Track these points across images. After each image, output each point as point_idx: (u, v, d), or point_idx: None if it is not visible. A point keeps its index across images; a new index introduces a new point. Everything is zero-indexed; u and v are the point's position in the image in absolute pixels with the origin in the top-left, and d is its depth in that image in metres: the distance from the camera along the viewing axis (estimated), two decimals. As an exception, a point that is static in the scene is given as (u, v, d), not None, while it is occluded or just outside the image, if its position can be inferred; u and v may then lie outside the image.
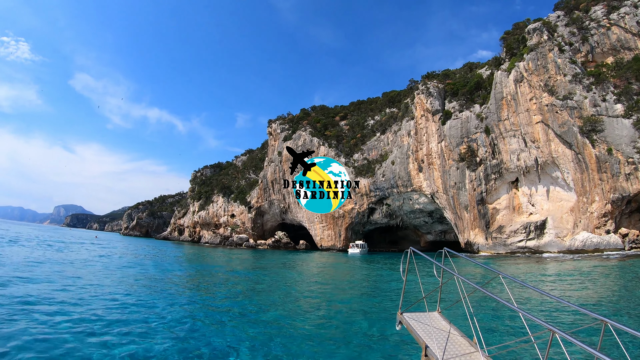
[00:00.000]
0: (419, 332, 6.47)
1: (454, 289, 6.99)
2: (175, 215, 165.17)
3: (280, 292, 27.63)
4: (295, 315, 19.37)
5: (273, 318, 18.26)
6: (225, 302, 22.80)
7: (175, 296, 23.17)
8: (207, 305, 20.99)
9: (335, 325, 17.38)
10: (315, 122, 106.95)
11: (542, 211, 62.07)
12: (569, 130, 57.70)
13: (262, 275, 38.75)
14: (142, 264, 42.56)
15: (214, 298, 24.01)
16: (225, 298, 24.18)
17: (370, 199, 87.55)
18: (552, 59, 62.55)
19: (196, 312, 18.78)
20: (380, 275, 41.40)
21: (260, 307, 21.08)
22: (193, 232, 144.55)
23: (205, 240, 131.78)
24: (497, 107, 66.09)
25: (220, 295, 25.55)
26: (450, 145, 71.22)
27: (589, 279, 31.52)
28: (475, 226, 67.08)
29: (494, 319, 17.47)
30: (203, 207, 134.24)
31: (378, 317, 18.97)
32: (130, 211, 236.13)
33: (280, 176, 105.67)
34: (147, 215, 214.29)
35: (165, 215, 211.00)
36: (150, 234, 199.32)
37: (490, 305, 19.92)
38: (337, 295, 27.13)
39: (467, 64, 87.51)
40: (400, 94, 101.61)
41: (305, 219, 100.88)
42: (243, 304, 21.83)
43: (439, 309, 7.56)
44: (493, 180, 66.18)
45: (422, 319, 7.04)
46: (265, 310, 20.08)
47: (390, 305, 21.17)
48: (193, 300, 22.57)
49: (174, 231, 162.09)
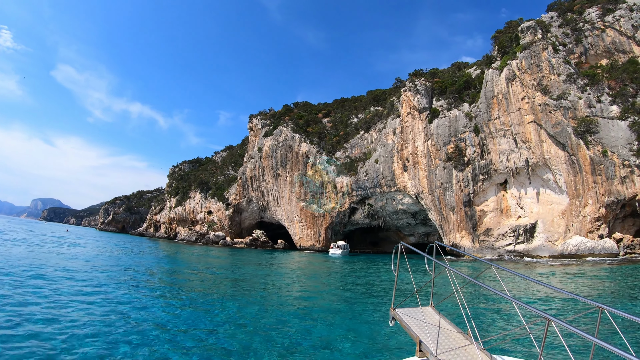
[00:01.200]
0: (413, 327, 6.16)
1: (447, 282, 6.81)
2: (152, 210, 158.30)
3: (257, 300, 22.90)
4: (277, 327, 16.07)
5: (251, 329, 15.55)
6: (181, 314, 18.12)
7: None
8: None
9: (326, 332, 15.45)
10: (298, 118, 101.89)
11: (531, 214, 58.42)
12: (562, 130, 54.21)
13: (237, 276, 34.06)
14: (97, 260, 37.49)
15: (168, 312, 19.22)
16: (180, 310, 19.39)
17: (352, 198, 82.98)
18: (546, 58, 59.15)
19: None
20: (366, 276, 37.33)
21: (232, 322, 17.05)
22: (169, 228, 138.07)
23: (181, 237, 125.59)
24: (488, 105, 62.33)
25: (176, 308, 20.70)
26: (437, 144, 67.21)
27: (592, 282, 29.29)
28: (461, 228, 63.04)
29: (488, 311, 17.15)
30: (180, 203, 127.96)
31: (370, 318, 17.99)
32: (107, 206, 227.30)
33: (259, 173, 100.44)
34: (123, 211, 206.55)
35: (142, 211, 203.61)
36: (127, 229, 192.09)
37: (484, 298, 19.87)
38: (322, 300, 23.36)
39: (456, 63, 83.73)
40: (385, 93, 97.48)
41: (284, 217, 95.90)
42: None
43: (432, 303, 7.23)
44: (481, 182, 62.34)
45: (415, 314, 6.74)
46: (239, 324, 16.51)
47: (384, 308, 19.41)
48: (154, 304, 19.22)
49: (149, 227, 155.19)
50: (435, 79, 77.58)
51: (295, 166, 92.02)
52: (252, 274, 36.32)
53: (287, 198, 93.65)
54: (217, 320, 16.43)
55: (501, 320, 15.68)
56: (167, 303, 19.51)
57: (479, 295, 20.70)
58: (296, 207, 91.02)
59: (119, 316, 15.79)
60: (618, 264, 41.55)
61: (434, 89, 74.94)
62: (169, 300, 20.52)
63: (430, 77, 78.85)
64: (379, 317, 17.59)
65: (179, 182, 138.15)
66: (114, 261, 38.66)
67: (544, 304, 18.66)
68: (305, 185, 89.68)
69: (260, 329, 15.34)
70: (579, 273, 34.57)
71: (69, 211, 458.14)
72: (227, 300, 21.19)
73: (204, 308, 19.00)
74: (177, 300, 20.72)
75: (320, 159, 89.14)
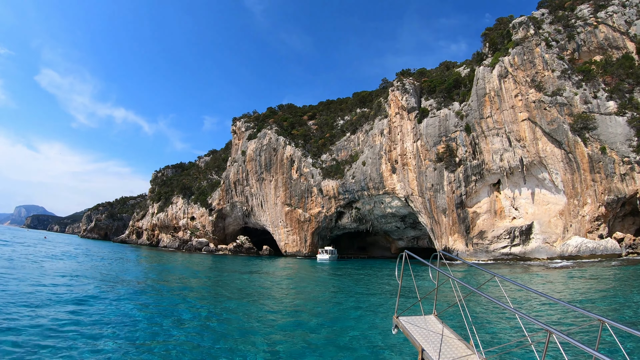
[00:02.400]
0: (415, 335, 6.12)
1: (450, 292, 7.24)
2: (134, 217, 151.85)
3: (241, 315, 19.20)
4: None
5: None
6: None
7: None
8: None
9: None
10: (282, 120, 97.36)
11: (526, 215, 54.89)
12: (558, 127, 50.91)
13: (215, 291, 29.58)
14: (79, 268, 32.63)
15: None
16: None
17: (339, 202, 78.77)
18: (540, 54, 56.02)
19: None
20: (363, 283, 33.53)
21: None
22: (151, 235, 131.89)
23: (164, 244, 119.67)
24: (479, 104, 58.87)
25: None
26: (427, 144, 63.48)
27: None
28: (454, 231, 59.14)
29: (490, 320, 16.85)
30: (162, 209, 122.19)
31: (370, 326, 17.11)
32: (90, 213, 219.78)
33: (243, 177, 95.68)
34: (106, 217, 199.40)
35: (125, 217, 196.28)
36: (109, 236, 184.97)
37: (487, 307, 19.37)
38: (315, 311, 21.14)
39: (444, 62, 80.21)
40: (372, 94, 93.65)
41: (269, 222, 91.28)
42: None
43: (435, 312, 7.14)
44: (473, 182, 58.69)
45: (418, 323, 6.66)
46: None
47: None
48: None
49: (132, 234, 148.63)
50: (424, 78, 74.12)
51: (280, 170, 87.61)
52: (234, 286, 31.87)
53: (271, 202, 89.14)
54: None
55: (504, 330, 15.30)
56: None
57: (481, 304, 20.05)
58: (281, 211, 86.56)
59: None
60: (629, 264, 38.13)
61: (423, 89, 71.42)
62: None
63: (418, 76, 75.32)
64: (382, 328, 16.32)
65: (162, 187, 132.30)
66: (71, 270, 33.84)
67: (549, 312, 18.45)
68: (290, 189, 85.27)
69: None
70: (595, 275, 30.85)
71: (53, 218, 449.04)
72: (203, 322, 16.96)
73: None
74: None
75: (305, 162, 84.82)
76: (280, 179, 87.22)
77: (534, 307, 19.84)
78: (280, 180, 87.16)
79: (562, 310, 18.16)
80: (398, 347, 13.22)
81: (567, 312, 17.74)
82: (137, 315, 17.81)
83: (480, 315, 17.71)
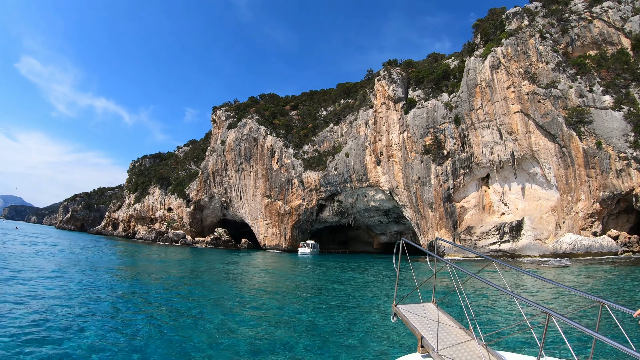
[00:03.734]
0: (414, 323, 5.94)
1: (448, 281, 7.31)
2: (110, 208, 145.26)
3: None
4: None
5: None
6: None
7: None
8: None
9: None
10: (264, 110, 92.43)
11: (516, 211, 51.66)
12: (553, 121, 47.73)
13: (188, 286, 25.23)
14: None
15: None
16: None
17: (320, 194, 74.74)
18: (534, 45, 52.78)
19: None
20: (351, 278, 29.50)
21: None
22: (127, 226, 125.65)
23: (140, 235, 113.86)
24: (470, 95, 55.38)
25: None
26: (414, 136, 59.84)
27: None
28: (441, 226, 55.56)
29: (489, 307, 16.44)
30: (139, 200, 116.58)
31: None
32: (67, 203, 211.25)
33: (222, 167, 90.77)
34: (82, 208, 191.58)
35: (102, 208, 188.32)
36: (86, 227, 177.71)
37: (485, 293, 19.13)
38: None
39: (432, 54, 76.51)
40: (356, 85, 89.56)
41: (247, 215, 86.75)
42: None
43: (434, 299, 6.92)
44: (462, 176, 55.23)
45: (417, 310, 6.50)
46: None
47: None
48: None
49: (107, 225, 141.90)
50: (411, 69, 70.48)
51: (260, 160, 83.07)
52: (208, 286, 27.63)
53: (251, 194, 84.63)
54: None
55: (502, 315, 15.20)
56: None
57: (480, 291, 19.96)
58: (261, 203, 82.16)
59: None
60: (631, 263, 35.04)
61: (410, 79, 67.63)
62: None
63: (405, 67, 71.55)
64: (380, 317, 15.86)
65: (139, 177, 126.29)
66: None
67: (548, 296, 18.39)
68: (270, 180, 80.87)
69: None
70: (608, 275, 27.48)
71: (31, 209, 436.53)
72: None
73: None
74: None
75: (286, 152, 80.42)
76: (260, 169, 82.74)
77: (532, 293, 19.80)
78: (260, 171, 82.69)
79: (560, 294, 18.09)
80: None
81: (565, 296, 17.66)
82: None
83: (478, 302, 17.51)
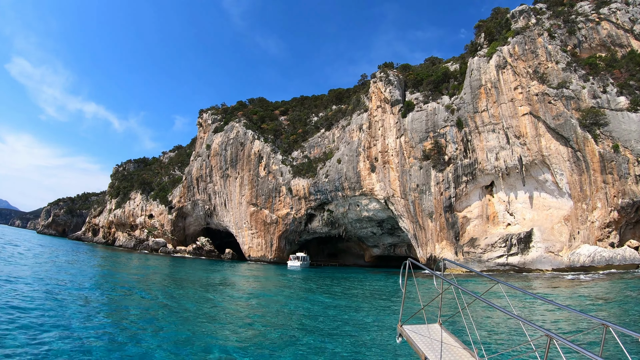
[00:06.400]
0: (419, 344, 5.85)
1: (453, 300, 6.42)
2: (91, 213, 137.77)
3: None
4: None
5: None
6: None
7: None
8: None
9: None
10: (252, 113, 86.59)
11: (523, 221, 46.46)
12: (565, 123, 42.92)
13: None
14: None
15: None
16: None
17: (310, 203, 69.00)
18: (542, 44, 48.28)
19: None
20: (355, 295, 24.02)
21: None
22: (108, 232, 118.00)
23: (120, 242, 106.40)
24: (474, 96, 50.51)
25: None
26: (412, 140, 54.64)
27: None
28: (442, 238, 50.05)
29: (494, 328, 16.05)
30: (120, 205, 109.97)
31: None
32: (50, 207, 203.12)
33: (207, 173, 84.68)
34: (64, 213, 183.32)
35: (85, 213, 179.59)
36: (67, 233, 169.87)
37: (491, 314, 18.56)
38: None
39: (430, 58, 71.89)
40: (349, 91, 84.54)
41: (232, 224, 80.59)
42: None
43: (440, 320, 6.64)
44: (464, 184, 50.06)
45: (422, 331, 6.36)
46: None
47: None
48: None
49: (88, 231, 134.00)
50: (409, 71, 65.76)
51: (247, 166, 77.26)
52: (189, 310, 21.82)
53: (236, 202, 78.64)
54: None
55: (507, 335, 14.74)
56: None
57: (485, 310, 19.43)
58: (246, 212, 76.17)
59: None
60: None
61: (407, 82, 62.82)
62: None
63: (402, 70, 66.83)
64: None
65: (122, 182, 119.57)
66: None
67: (554, 317, 17.83)
68: (257, 187, 75.02)
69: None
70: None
71: (16, 213, 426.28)
72: None
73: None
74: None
75: (274, 158, 74.79)
76: (246, 176, 76.89)
77: (539, 313, 19.09)
78: (246, 178, 76.83)
79: (568, 316, 17.47)
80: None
81: (573, 318, 17.13)
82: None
83: (485, 322, 17.00)
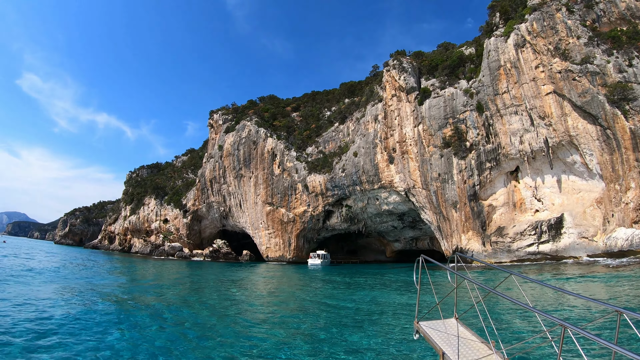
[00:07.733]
0: (436, 339, 5.87)
1: (468, 293, 6.49)
2: (107, 221, 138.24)
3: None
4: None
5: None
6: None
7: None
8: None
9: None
10: (263, 111, 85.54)
11: (552, 207, 44.52)
12: (592, 99, 40.86)
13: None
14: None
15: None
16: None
17: (327, 199, 67.62)
18: (561, 20, 46.27)
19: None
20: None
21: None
22: (123, 239, 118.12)
23: (136, 249, 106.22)
24: (493, 78, 48.62)
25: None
26: (431, 128, 52.92)
27: None
28: (467, 228, 48.29)
29: (510, 320, 15.97)
30: (134, 211, 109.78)
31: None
32: (66, 218, 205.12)
33: (220, 174, 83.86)
34: (81, 222, 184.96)
35: (101, 222, 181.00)
36: (84, 242, 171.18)
37: (506, 306, 18.31)
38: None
39: (443, 43, 69.76)
40: (361, 83, 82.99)
41: (248, 224, 79.61)
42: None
43: (456, 315, 6.69)
44: (488, 170, 48.21)
45: (439, 327, 6.41)
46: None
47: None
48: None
49: (104, 239, 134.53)
50: (422, 58, 63.96)
51: (261, 165, 76.15)
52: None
53: (251, 202, 77.59)
54: None
55: (524, 328, 14.44)
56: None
57: (501, 304, 18.66)
58: (262, 211, 75.05)
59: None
60: None
61: (422, 69, 61.10)
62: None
63: (416, 58, 65.05)
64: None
65: (135, 188, 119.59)
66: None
67: (570, 305, 17.67)
68: (272, 186, 73.89)
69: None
70: None
71: (35, 225, 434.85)
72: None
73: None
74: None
75: (288, 155, 73.55)
76: (260, 175, 75.79)
77: (554, 304, 18.86)
78: (260, 177, 75.73)
79: (584, 303, 17.13)
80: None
81: (590, 305, 16.74)
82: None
83: (500, 314, 16.89)
